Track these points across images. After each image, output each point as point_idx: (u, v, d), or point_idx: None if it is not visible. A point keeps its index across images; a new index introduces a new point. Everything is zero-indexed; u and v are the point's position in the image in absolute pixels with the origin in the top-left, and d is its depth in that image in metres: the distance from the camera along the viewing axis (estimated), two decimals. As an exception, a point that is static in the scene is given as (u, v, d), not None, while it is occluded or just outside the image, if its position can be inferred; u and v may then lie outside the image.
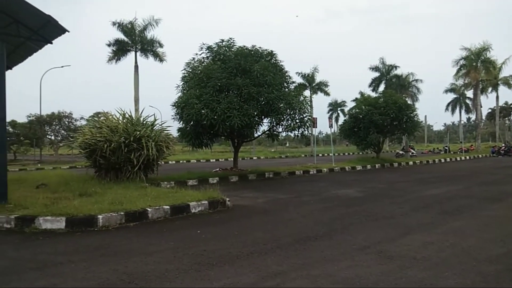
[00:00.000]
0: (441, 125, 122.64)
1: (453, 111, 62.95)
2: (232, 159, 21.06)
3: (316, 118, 21.50)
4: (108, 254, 5.23)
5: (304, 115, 16.67)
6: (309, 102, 17.87)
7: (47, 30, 9.08)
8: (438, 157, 33.20)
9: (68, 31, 8.90)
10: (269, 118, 16.50)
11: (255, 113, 15.24)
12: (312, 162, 22.74)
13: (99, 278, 4.27)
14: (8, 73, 8.85)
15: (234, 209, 8.76)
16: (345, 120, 29.38)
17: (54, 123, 37.90)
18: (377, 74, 49.14)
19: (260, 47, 16.98)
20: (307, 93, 45.24)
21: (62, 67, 39.27)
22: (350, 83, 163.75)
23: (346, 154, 46.31)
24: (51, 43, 9.62)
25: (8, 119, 8.85)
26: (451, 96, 61.23)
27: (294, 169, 19.03)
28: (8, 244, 5.91)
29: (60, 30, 8.92)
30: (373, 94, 35.62)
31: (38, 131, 37.22)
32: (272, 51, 17.09)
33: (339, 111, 77.73)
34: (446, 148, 43.77)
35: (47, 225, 6.77)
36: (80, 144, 12.42)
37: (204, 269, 4.56)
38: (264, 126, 17.50)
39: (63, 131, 37.95)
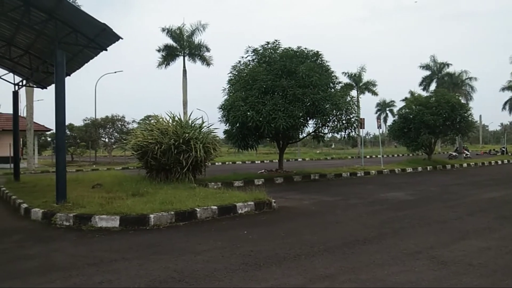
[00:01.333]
0: (497, 125, 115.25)
1: (510, 110, 59.09)
2: (277, 160, 21.10)
3: (363, 118, 21.00)
4: (160, 252, 5.42)
5: (351, 116, 16.37)
6: (356, 103, 17.51)
7: (103, 37, 9.59)
8: (494, 159, 31.28)
9: (122, 38, 9.34)
10: (314, 119, 16.35)
11: (301, 115, 15.16)
12: (360, 164, 22.24)
13: (151, 275, 4.44)
14: (67, 79, 9.40)
15: (280, 210, 8.77)
16: (394, 120, 28.43)
17: (108, 126, 39.77)
18: (428, 72, 47.22)
19: (305, 48, 16.90)
20: (354, 93, 44.29)
21: (115, 72, 41.13)
22: (398, 82, 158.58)
23: (395, 155, 44.82)
24: (106, 50, 10.15)
25: (66, 123, 9.42)
26: (509, 94, 57.52)
27: (340, 171, 18.71)
28: (67, 241, 6.29)
29: (114, 38, 9.38)
30: (424, 93, 34.28)
31: (93, 134, 39.25)
32: (317, 52, 16.94)
33: (387, 111, 75.55)
34: (503, 149, 41.21)
35: (103, 223, 7.13)
36: (133, 146, 12.99)
37: (252, 269, 4.60)
38: (310, 127, 17.40)
39: (116, 134, 39.74)
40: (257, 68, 15.75)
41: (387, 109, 75.12)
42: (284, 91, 15.04)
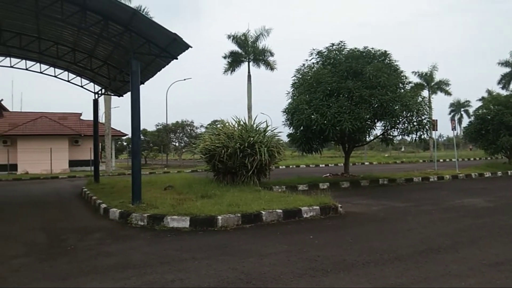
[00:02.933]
0: None
1: None
2: (342, 164, 20.62)
3: (436, 120, 19.85)
4: (227, 253, 5.55)
5: (423, 117, 15.56)
6: (427, 103, 16.59)
7: (173, 47, 10.09)
8: None
9: (191, 47, 9.75)
10: (383, 122, 15.79)
11: (368, 117, 14.69)
12: (432, 168, 21.04)
13: (220, 276, 4.56)
14: (141, 87, 9.99)
15: (346, 216, 8.56)
16: (470, 121, 26.58)
17: (178, 131, 41.60)
18: (507, 69, 43.52)
19: (372, 48, 16.40)
20: (425, 93, 42.09)
21: (184, 80, 43.05)
22: (474, 81, 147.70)
23: (471, 159, 41.74)
24: (177, 58, 10.65)
25: (140, 128, 10.02)
26: None
27: (411, 175, 17.83)
28: (142, 240, 6.67)
29: (184, 46, 9.83)
30: (504, 92, 31.59)
31: (165, 138, 41.28)
32: (385, 51, 16.36)
33: (462, 112, 70.77)
34: None
35: (174, 223, 7.47)
36: (201, 150, 13.46)
37: (319, 275, 4.54)
38: (377, 130, 16.81)
39: (185, 138, 41.41)
40: (322, 70, 15.57)
41: (462, 109, 70.33)
42: (350, 93, 14.71)
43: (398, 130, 16.20)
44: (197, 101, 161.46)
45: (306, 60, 17.00)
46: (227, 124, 14.04)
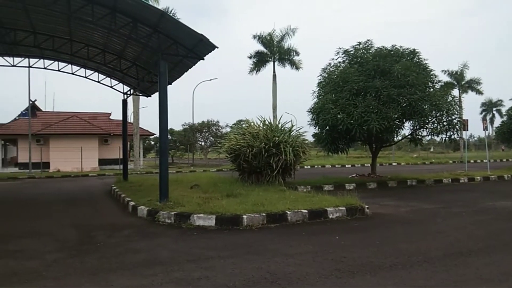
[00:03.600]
0: None
1: None
2: (369, 164, 20.34)
3: (467, 120, 19.26)
4: (253, 253, 5.58)
5: (453, 117, 15.13)
6: (458, 102, 16.14)
7: (200, 47, 10.21)
8: None
9: (217, 47, 9.84)
10: (411, 121, 15.45)
11: (396, 116, 14.41)
12: (463, 169, 20.43)
13: (245, 275, 4.58)
14: (168, 88, 10.14)
15: (373, 217, 8.43)
16: (503, 121, 25.73)
17: (204, 130, 42.06)
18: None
19: (400, 46, 16.08)
20: (455, 92, 40.99)
21: (210, 80, 43.43)
22: (506, 80, 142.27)
23: (504, 160, 40.26)
24: (203, 59, 10.77)
25: (168, 128, 10.19)
26: None
27: (440, 176, 17.37)
28: (169, 237, 6.78)
29: (210, 47, 9.93)
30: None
31: (191, 138, 41.82)
32: (414, 49, 16.01)
33: (494, 112, 68.49)
34: None
35: (200, 222, 7.56)
36: (227, 149, 13.57)
37: (345, 276, 4.50)
38: (406, 130, 16.47)
39: (211, 138, 41.83)
40: (348, 69, 15.38)
41: (494, 109, 68.04)
42: (377, 92, 14.47)
43: (427, 130, 15.81)
44: (222, 101, 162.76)
45: (332, 59, 16.84)
46: (252, 123, 14.08)
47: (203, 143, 44.45)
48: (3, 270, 4.94)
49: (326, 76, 16.49)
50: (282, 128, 13.81)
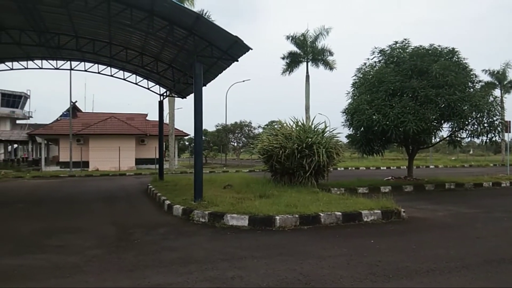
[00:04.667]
0: None
1: None
2: (405, 167, 19.84)
3: (509, 121, 18.44)
4: (285, 254, 5.57)
5: (494, 118, 14.51)
6: (499, 103, 15.44)
7: (234, 49, 10.31)
8: None
9: (251, 49, 9.90)
10: (450, 123, 14.95)
11: (433, 117, 13.98)
12: (504, 173, 19.57)
13: (278, 276, 4.59)
14: (203, 89, 10.30)
15: (410, 221, 8.22)
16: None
17: (237, 131, 42.44)
18: None
19: (439, 46, 15.59)
20: (497, 92, 39.16)
21: (243, 81, 43.94)
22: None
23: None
24: (237, 60, 10.87)
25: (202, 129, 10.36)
26: None
27: (481, 180, 16.67)
28: (203, 236, 6.90)
29: (244, 49, 10.02)
30: None
31: (224, 138, 42.28)
32: (453, 49, 15.48)
33: (541, 112, 64.81)
34: None
35: (233, 221, 7.63)
36: (259, 150, 13.62)
37: (380, 280, 4.42)
38: (444, 131, 15.94)
39: (244, 139, 42.15)
40: (384, 69, 15.08)
41: (541, 109, 64.46)
42: (414, 92, 14.10)
43: (467, 131, 15.24)
44: (255, 102, 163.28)
45: (368, 59, 16.57)
46: (284, 124, 14.07)
47: (235, 144, 44.85)
48: (47, 264, 5.19)
49: (361, 76, 16.25)
50: (315, 129, 13.71)
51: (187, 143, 52.62)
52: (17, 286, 4.38)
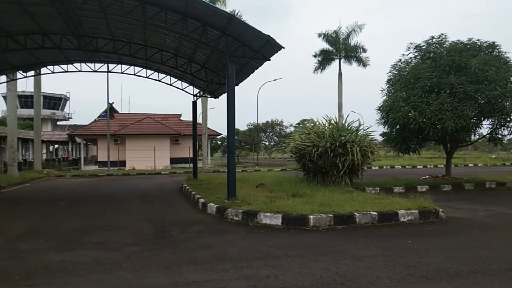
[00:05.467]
0: None
1: None
2: (442, 165, 19.20)
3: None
4: (320, 253, 5.54)
5: (539, 115, 13.78)
6: (544, 99, 14.64)
7: (267, 48, 10.33)
8: None
9: (284, 48, 9.89)
10: (490, 120, 14.34)
11: (473, 114, 13.45)
12: (552, 172, 18.52)
13: (313, 275, 4.57)
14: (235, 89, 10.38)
15: (448, 221, 7.96)
16: None
17: (268, 130, 42.49)
18: None
19: (478, 40, 14.98)
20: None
21: (274, 80, 43.81)
22: None
23: None
24: (270, 59, 10.88)
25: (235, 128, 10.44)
26: None
27: (524, 179, 15.89)
28: (237, 234, 6.97)
29: (277, 48, 10.01)
30: None
31: (256, 137, 42.40)
32: (493, 43, 14.81)
33: None
34: None
35: (267, 220, 7.66)
36: (291, 149, 13.57)
37: (418, 281, 4.32)
38: (484, 128, 15.32)
39: (275, 137, 42.13)
40: (421, 65, 14.67)
41: None
42: (452, 88, 13.62)
43: (509, 128, 14.58)
44: (286, 100, 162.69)
45: (403, 55, 16.17)
46: (317, 123, 13.95)
47: (267, 143, 44.89)
48: (88, 259, 5.41)
49: (396, 72, 15.89)
50: (349, 127, 13.52)
51: (219, 142, 53.19)
52: (62, 280, 4.59)
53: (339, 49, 35.07)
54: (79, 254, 5.71)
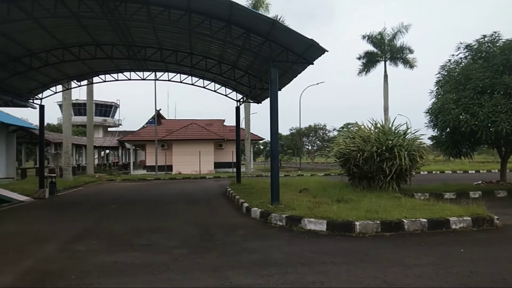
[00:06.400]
0: None
1: None
2: (497, 170, 18.16)
3: None
4: (367, 261, 5.42)
5: None
6: None
7: (310, 52, 10.28)
8: None
9: (327, 51, 9.80)
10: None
11: (531, 116, 12.63)
12: None
13: (361, 283, 4.48)
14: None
15: (504, 229, 7.52)
16: None
17: (311, 134, 42.18)
18: None
19: (535, 37, 14.08)
20: None
21: (317, 84, 43.50)
22: None
23: None
24: (313, 63, 10.82)
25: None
26: None
27: None
28: (281, 240, 6.97)
29: (320, 51, 9.94)
30: None
31: (298, 142, 42.24)
32: (553, 39, 13.87)
33: None
34: None
35: (311, 226, 7.61)
36: (335, 154, 13.39)
37: (473, 293, 4.12)
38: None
39: (318, 142, 41.73)
40: (472, 65, 14.00)
41: None
42: (507, 89, 12.87)
43: None
44: (329, 104, 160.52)
45: (453, 55, 15.50)
46: (362, 127, 13.68)
47: (310, 147, 44.53)
48: (138, 261, 5.62)
49: (445, 74, 15.28)
50: (396, 131, 13.15)
51: (261, 147, 53.51)
52: (115, 280, 4.81)
53: (384, 50, 34.23)
54: (130, 256, 5.95)
